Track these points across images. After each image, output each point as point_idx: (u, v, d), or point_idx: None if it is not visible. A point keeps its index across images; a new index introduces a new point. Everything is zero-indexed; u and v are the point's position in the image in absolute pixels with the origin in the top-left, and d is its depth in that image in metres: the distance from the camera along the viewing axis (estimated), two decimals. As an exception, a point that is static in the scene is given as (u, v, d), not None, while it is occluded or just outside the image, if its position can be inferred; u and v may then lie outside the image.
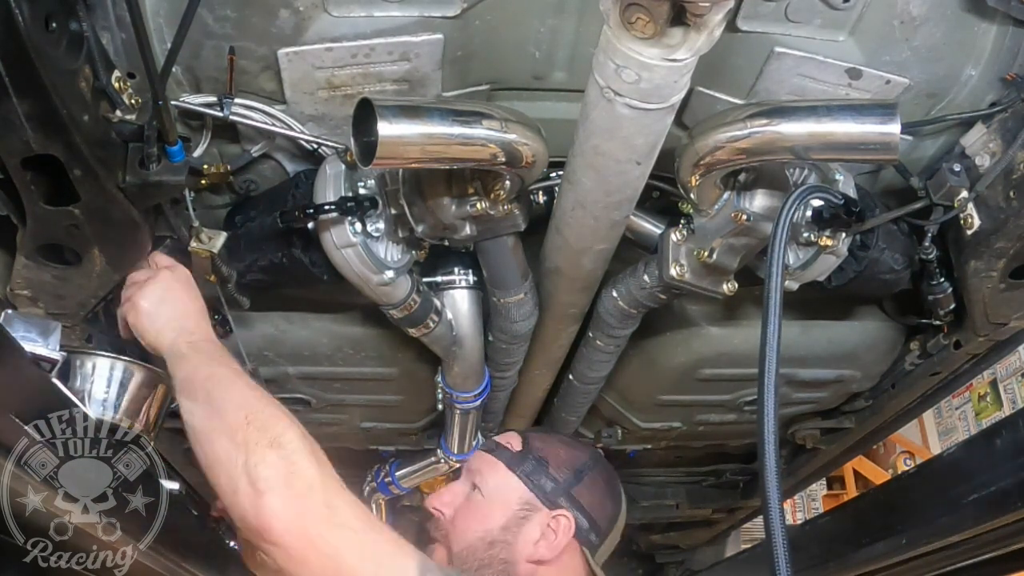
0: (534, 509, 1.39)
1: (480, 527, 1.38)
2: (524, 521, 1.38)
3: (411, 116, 1.18)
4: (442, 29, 1.26)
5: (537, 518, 1.38)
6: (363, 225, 1.43)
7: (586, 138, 1.19)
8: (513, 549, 1.36)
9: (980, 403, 6.17)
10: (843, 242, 1.49)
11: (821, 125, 1.24)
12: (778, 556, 1.04)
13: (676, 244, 1.53)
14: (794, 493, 4.13)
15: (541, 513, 1.38)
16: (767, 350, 1.10)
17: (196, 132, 1.38)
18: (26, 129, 1.04)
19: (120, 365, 1.38)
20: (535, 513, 1.38)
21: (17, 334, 1.33)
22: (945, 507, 1.51)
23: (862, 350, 2.00)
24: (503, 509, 1.39)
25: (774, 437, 1.07)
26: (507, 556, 1.35)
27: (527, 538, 1.36)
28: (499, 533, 1.37)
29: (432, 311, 1.68)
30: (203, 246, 1.42)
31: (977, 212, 1.44)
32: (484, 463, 1.46)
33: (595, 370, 1.99)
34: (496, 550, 1.36)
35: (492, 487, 1.42)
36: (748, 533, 3.96)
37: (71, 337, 1.49)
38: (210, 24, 1.21)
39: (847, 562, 1.89)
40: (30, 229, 1.24)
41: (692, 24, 0.97)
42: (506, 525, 1.37)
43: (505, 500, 1.40)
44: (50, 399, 1.18)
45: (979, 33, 1.33)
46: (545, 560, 1.35)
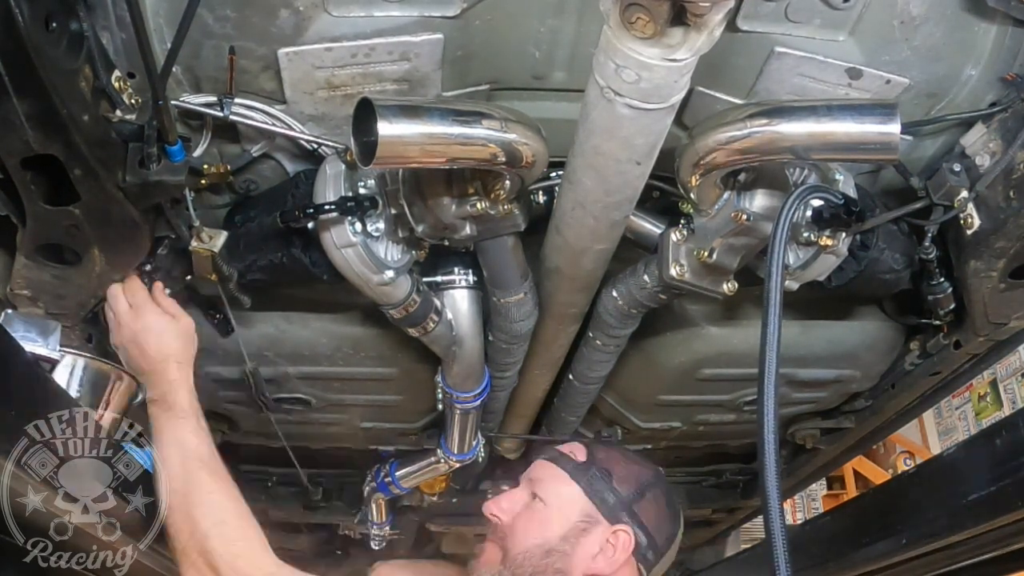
0: (595, 522, 1.38)
1: (539, 535, 1.37)
2: (584, 533, 1.36)
3: (411, 116, 1.18)
4: (442, 29, 1.26)
5: (597, 531, 1.37)
6: (363, 225, 1.43)
7: (586, 138, 1.19)
8: (570, 560, 1.34)
9: (980, 403, 6.17)
10: (843, 242, 1.48)
11: (821, 125, 1.24)
12: (778, 556, 1.03)
13: (676, 244, 1.53)
14: (794, 493, 4.13)
15: (601, 526, 1.37)
16: (767, 350, 1.10)
17: (196, 132, 1.38)
18: (26, 129, 1.04)
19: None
20: (595, 526, 1.37)
21: (17, 334, 1.34)
22: (945, 507, 1.51)
23: (862, 350, 2.00)
24: (563, 519, 1.38)
25: (774, 437, 1.07)
26: (563, 566, 1.34)
27: (586, 551, 1.35)
28: (558, 543, 1.35)
29: (432, 311, 1.68)
30: (204, 245, 1.42)
31: (977, 212, 1.44)
32: (547, 472, 1.45)
33: (595, 370, 1.99)
34: (552, 559, 1.34)
35: (554, 496, 1.40)
36: (748, 533, 3.96)
37: (71, 337, 1.49)
38: (210, 24, 1.21)
39: (847, 562, 1.89)
40: (30, 229, 1.24)
41: (692, 24, 0.97)
42: (565, 535, 1.36)
43: (566, 510, 1.38)
44: (50, 399, 1.18)
45: (979, 33, 1.33)
46: (602, 574, 1.35)
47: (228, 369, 1.88)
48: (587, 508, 1.38)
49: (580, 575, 1.34)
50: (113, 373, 1.50)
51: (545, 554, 1.34)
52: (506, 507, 1.43)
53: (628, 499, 1.40)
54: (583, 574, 1.35)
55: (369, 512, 2.95)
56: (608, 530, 1.37)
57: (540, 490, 1.42)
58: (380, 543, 3.13)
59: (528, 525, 1.39)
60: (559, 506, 1.39)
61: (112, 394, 1.51)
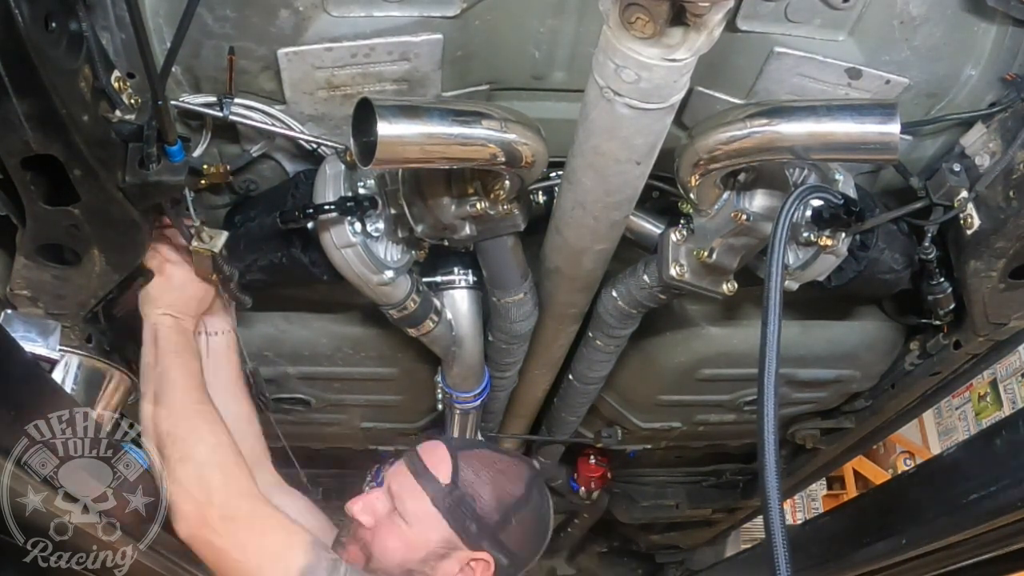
0: (455, 548, 1.38)
1: (400, 553, 1.38)
2: (443, 559, 1.38)
3: (411, 116, 1.18)
4: (442, 29, 1.26)
5: (457, 556, 1.38)
6: (363, 225, 1.43)
7: (586, 138, 1.19)
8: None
9: (980, 403, 6.17)
10: (843, 242, 1.48)
11: (821, 125, 1.24)
12: (778, 556, 1.04)
13: (676, 244, 1.53)
14: (794, 493, 4.13)
15: (461, 552, 1.38)
16: (767, 350, 1.10)
17: (196, 132, 1.38)
18: (26, 129, 1.04)
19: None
20: (455, 551, 1.38)
21: (17, 334, 1.34)
22: (945, 507, 1.51)
23: (862, 350, 2.00)
24: (424, 543, 1.38)
25: (774, 437, 1.07)
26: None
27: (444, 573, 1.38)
28: (417, 564, 1.38)
29: (432, 311, 1.68)
30: (204, 245, 1.42)
31: (977, 212, 1.44)
32: (408, 490, 1.41)
33: (595, 370, 1.99)
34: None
35: (414, 517, 1.39)
36: (748, 533, 3.96)
37: (71, 337, 1.49)
38: (210, 24, 1.21)
39: (847, 562, 1.90)
40: (30, 229, 1.24)
41: (692, 24, 0.97)
42: (425, 559, 1.38)
43: (426, 534, 1.38)
44: (50, 399, 1.18)
45: (979, 33, 1.33)
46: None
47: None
48: (447, 535, 1.38)
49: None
50: (109, 372, 1.51)
51: (405, 573, 1.38)
52: (368, 509, 1.42)
53: (492, 527, 1.39)
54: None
55: (369, 512, 2.95)
56: (468, 556, 1.38)
57: (401, 507, 1.40)
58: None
59: (388, 541, 1.39)
60: (419, 528, 1.38)
61: (109, 392, 1.52)
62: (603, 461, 2.92)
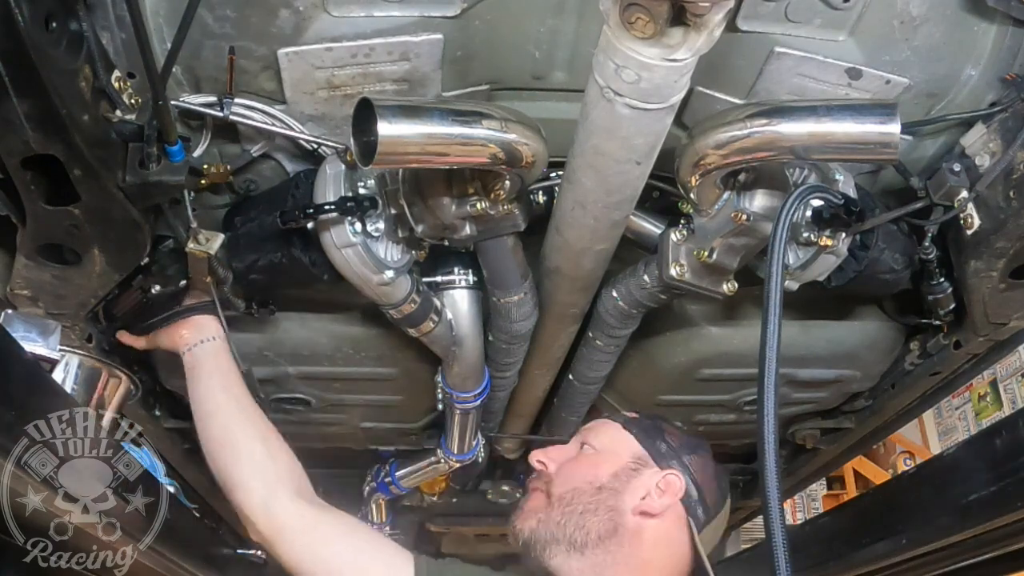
0: (645, 465, 1.39)
1: (591, 473, 1.38)
2: (635, 474, 1.38)
3: (411, 116, 1.18)
4: (442, 29, 1.26)
5: (648, 473, 1.38)
6: (363, 225, 1.43)
7: (586, 138, 1.19)
8: (621, 497, 1.35)
9: (980, 403, 6.17)
10: (843, 242, 1.48)
11: (821, 125, 1.24)
12: (778, 556, 1.03)
13: (676, 244, 1.53)
14: (794, 493, 4.13)
15: (652, 469, 1.38)
16: (767, 350, 1.10)
17: (196, 132, 1.38)
18: (26, 129, 1.04)
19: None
20: (646, 468, 1.39)
21: (17, 334, 1.33)
22: (945, 507, 1.51)
23: (862, 350, 2.00)
24: (614, 460, 1.39)
25: (774, 437, 1.06)
26: (615, 504, 1.35)
27: (636, 491, 1.36)
28: (608, 480, 1.37)
29: (432, 311, 1.68)
30: (200, 247, 1.42)
31: (977, 212, 1.44)
32: (599, 426, 1.49)
33: (595, 370, 1.99)
34: (604, 495, 1.35)
35: (605, 442, 1.43)
36: (748, 533, 3.96)
37: (71, 337, 1.49)
38: (210, 24, 1.21)
39: (847, 562, 1.89)
40: (30, 229, 1.24)
41: (692, 24, 0.97)
42: (616, 474, 1.37)
43: (617, 452, 1.41)
44: (50, 399, 1.18)
45: (979, 33, 1.33)
46: (653, 513, 1.35)
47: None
48: (638, 452, 1.40)
49: (631, 513, 1.34)
50: (109, 372, 1.51)
51: (596, 491, 1.35)
52: (554, 456, 1.44)
53: (679, 450, 1.42)
54: (634, 512, 1.35)
55: (369, 512, 2.95)
56: (658, 473, 1.38)
57: (591, 439, 1.44)
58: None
59: (577, 467, 1.40)
60: (611, 449, 1.41)
61: (107, 392, 1.52)
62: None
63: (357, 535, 1.46)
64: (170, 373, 1.90)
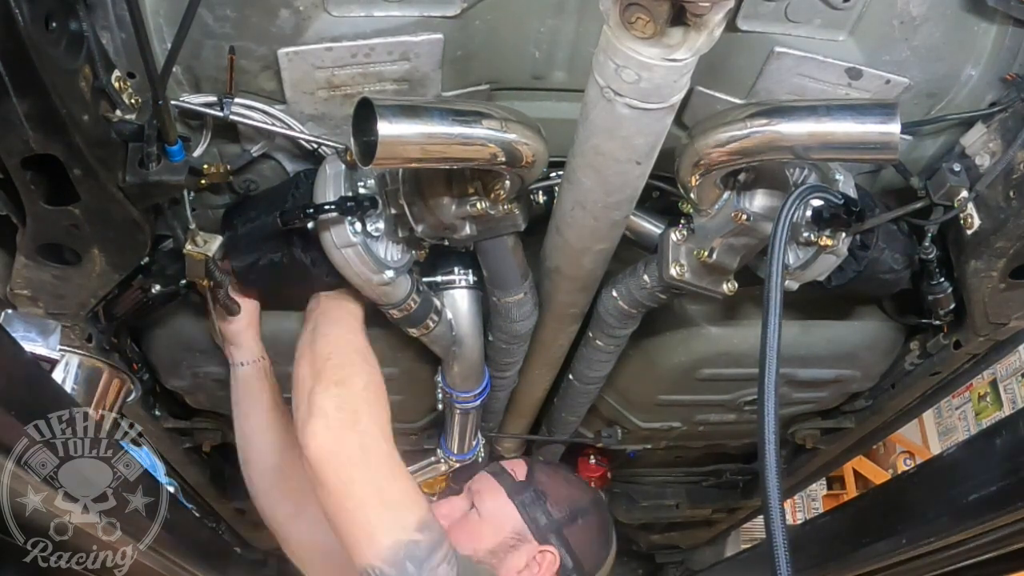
0: (524, 540, 1.48)
1: (470, 544, 1.45)
2: (512, 550, 1.47)
3: (411, 116, 1.18)
4: (442, 29, 1.26)
5: (525, 549, 1.47)
6: (363, 225, 1.43)
7: (586, 138, 1.19)
8: (497, 572, 1.44)
9: (980, 403, 6.17)
10: (843, 242, 1.48)
11: (821, 125, 1.24)
12: (778, 556, 1.04)
13: (676, 244, 1.53)
14: (794, 493, 4.13)
15: (530, 545, 1.47)
16: (767, 350, 1.10)
17: (196, 132, 1.38)
18: (26, 129, 1.04)
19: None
20: (524, 544, 1.47)
21: (17, 334, 1.34)
22: (945, 507, 1.51)
23: (862, 350, 2.00)
24: (495, 533, 1.48)
25: (774, 437, 1.07)
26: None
27: (512, 565, 1.45)
28: (486, 555, 1.45)
29: (432, 311, 1.68)
30: (198, 249, 1.42)
31: (977, 212, 1.44)
32: (486, 485, 1.55)
33: (595, 370, 1.98)
34: (481, 568, 1.43)
35: (489, 510, 1.51)
36: (748, 533, 3.96)
37: (71, 337, 1.49)
38: (210, 24, 1.21)
39: (847, 562, 1.89)
40: (30, 229, 1.24)
41: (692, 24, 0.97)
42: (495, 549, 1.46)
43: (498, 525, 1.49)
44: (50, 399, 1.18)
45: (979, 33, 1.33)
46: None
47: (225, 370, 1.87)
48: (518, 526, 1.49)
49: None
50: (109, 371, 1.51)
51: (476, 564, 1.41)
52: (446, 512, 1.50)
53: (559, 522, 1.50)
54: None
55: (369, 512, 2.95)
56: (535, 549, 1.47)
57: (478, 502, 1.52)
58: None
59: (462, 533, 1.46)
60: (493, 520, 1.49)
61: (107, 392, 1.52)
62: (603, 461, 2.91)
63: None
64: (170, 373, 1.90)
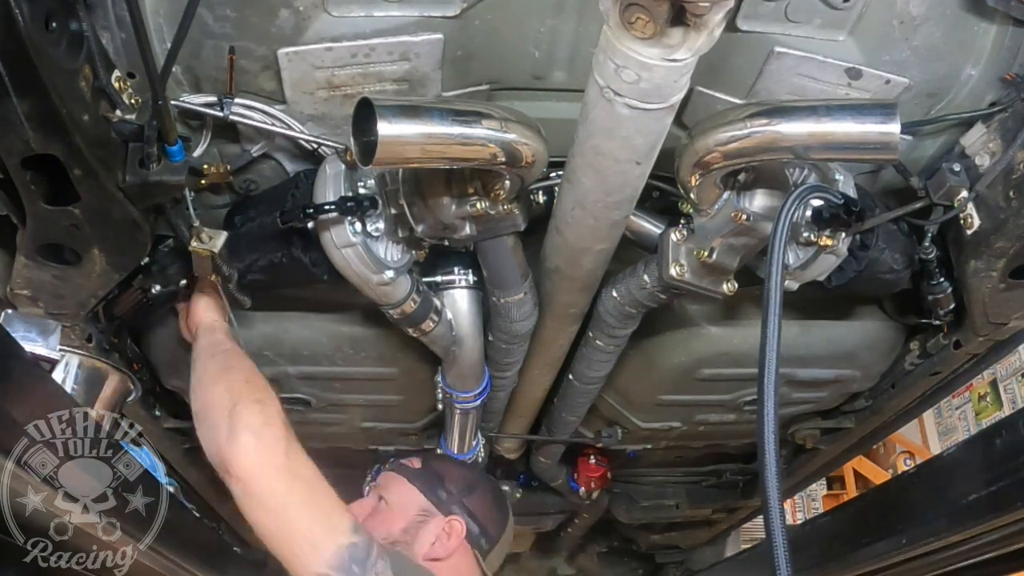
0: (431, 515, 1.59)
1: (384, 529, 1.55)
2: (422, 525, 1.58)
3: (411, 116, 1.18)
4: (442, 29, 1.26)
5: (433, 522, 1.58)
6: (363, 225, 1.43)
7: (586, 138, 1.19)
8: (412, 548, 1.54)
9: (980, 403, 6.17)
10: (843, 242, 1.48)
11: (821, 125, 1.24)
12: (778, 556, 1.03)
13: (676, 244, 1.53)
14: (794, 493, 4.13)
15: (437, 518, 1.59)
16: (767, 350, 1.10)
17: (196, 132, 1.38)
18: (26, 129, 1.04)
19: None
20: (432, 518, 1.59)
21: (17, 334, 1.34)
22: (945, 507, 1.51)
23: (862, 350, 2.00)
24: (404, 515, 1.59)
25: (774, 437, 1.06)
26: (408, 554, 1.51)
27: (425, 539, 1.55)
28: (400, 534, 1.56)
29: (432, 311, 1.68)
30: (204, 246, 1.42)
31: (977, 212, 1.44)
32: (389, 479, 1.68)
33: (595, 370, 1.99)
34: (399, 548, 1.50)
35: (395, 497, 1.63)
36: (748, 533, 3.96)
37: (71, 337, 1.49)
38: (210, 24, 1.21)
39: (847, 562, 1.89)
40: (30, 229, 1.24)
41: (692, 24, 0.97)
42: (406, 528, 1.57)
43: (405, 507, 1.61)
44: (50, 399, 1.18)
45: (979, 33, 1.33)
46: (440, 558, 1.54)
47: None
48: (423, 504, 1.61)
49: (422, 559, 1.53)
50: (109, 371, 1.51)
51: (390, 545, 1.48)
52: (357, 511, 1.55)
53: (458, 494, 1.63)
54: (424, 558, 1.53)
55: (369, 512, 2.95)
56: (442, 521, 1.58)
57: (385, 494, 1.64)
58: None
59: (375, 523, 1.56)
60: (400, 504, 1.61)
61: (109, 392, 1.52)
62: (603, 461, 2.92)
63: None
64: (170, 373, 1.90)
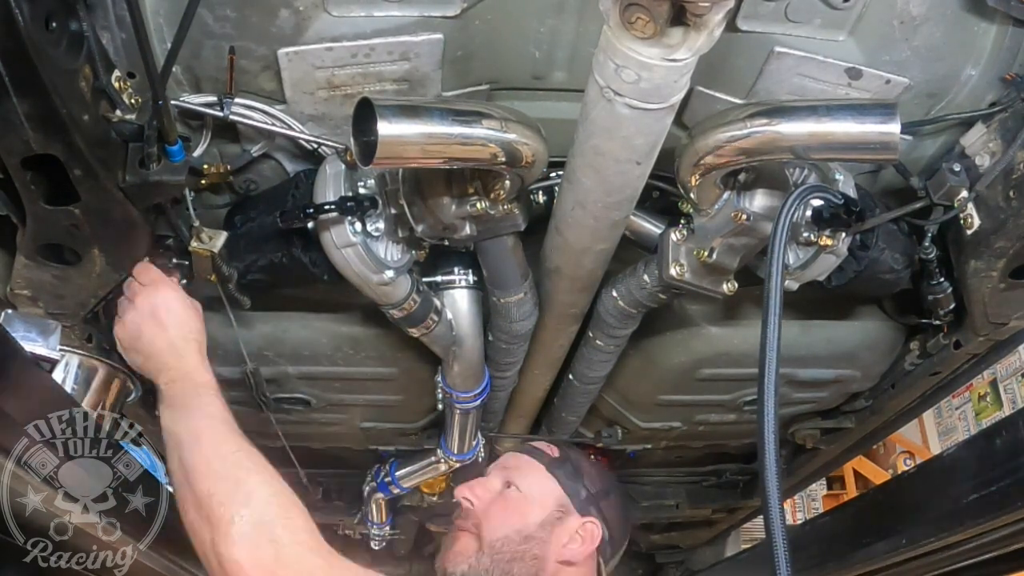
0: (568, 512, 1.47)
1: (518, 521, 1.44)
2: (559, 522, 1.45)
3: (411, 116, 1.17)
4: (442, 29, 1.26)
5: (570, 521, 1.46)
6: (363, 225, 1.43)
7: (586, 138, 1.19)
8: (547, 546, 1.43)
9: (980, 403, 6.17)
10: (843, 242, 1.48)
11: (821, 125, 1.24)
12: (778, 556, 1.03)
13: (676, 244, 1.53)
14: (794, 493, 4.13)
15: (573, 517, 1.47)
16: (767, 350, 1.10)
17: (196, 132, 1.38)
18: (26, 129, 1.04)
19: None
20: (569, 516, 1.47)
21: (17, 334, 1.33)
22: (945, 507, 1.51)
23: (862, 350, 2.00)
24: (540, 508, 1.46)
25: (774, 437, 1.06)
26: (540, 552, 1.42)
27: (559, 539, 1.44)
28: (536, 529, 1.44)
29: (432, 311, 1.68)
30: (204, 246, 1.42)
31: (977, 212, 1.44)
32: (522, 462, 1.55)
33: (595, 370, 1.99)
34: (530, 545, 1.42)
35: (530, 485, 1.49)
36: (748, 533, 3.96)
37: (71, 337, 1.49)
38: (210, 24, 1.21)
39: (847, 562, 1.89)
40: (30, 229, 1.24)
41: (692, 24, 0.97)
42: (543, 523, 1.45)
43: (543, 499, 1.47)
44: (50, 399, 1.18)
45: (979, 33, 1.33)
46: (573, 562, 1.43)
47: (228, 369, 1.88)
48: (562, 499, 1.48)
49: (553, 560, 1.42)
50: (109, 371, 1.51)
51: (524, 540, 1.42)
52: (479, 493, 1.49)
53: (596, 496, 1.51)
54: (556, 560, 1.43)
55: (369, 512, 2.96)
56: (579, 521, 1.46)
57: (516, 479, 1.50)
58: (380, 543, 3.14)
59: (505, 512, 1.46)
60: (537, 495, 1.48)
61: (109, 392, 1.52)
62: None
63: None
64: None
